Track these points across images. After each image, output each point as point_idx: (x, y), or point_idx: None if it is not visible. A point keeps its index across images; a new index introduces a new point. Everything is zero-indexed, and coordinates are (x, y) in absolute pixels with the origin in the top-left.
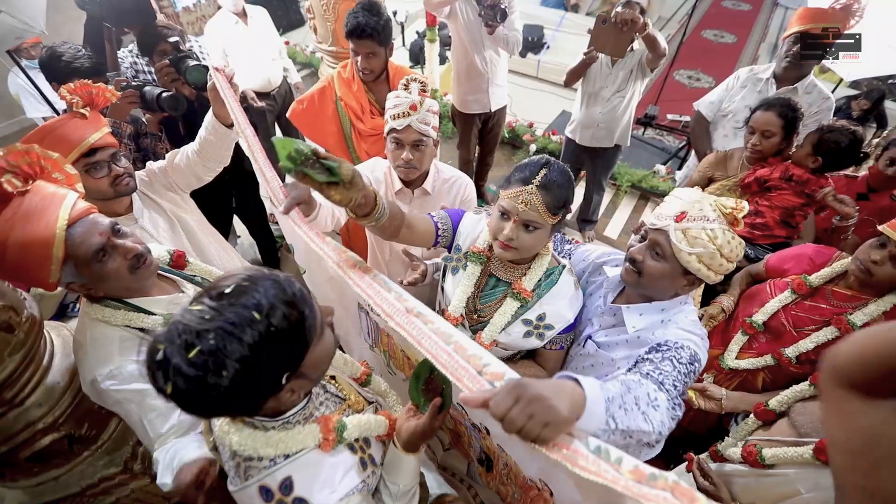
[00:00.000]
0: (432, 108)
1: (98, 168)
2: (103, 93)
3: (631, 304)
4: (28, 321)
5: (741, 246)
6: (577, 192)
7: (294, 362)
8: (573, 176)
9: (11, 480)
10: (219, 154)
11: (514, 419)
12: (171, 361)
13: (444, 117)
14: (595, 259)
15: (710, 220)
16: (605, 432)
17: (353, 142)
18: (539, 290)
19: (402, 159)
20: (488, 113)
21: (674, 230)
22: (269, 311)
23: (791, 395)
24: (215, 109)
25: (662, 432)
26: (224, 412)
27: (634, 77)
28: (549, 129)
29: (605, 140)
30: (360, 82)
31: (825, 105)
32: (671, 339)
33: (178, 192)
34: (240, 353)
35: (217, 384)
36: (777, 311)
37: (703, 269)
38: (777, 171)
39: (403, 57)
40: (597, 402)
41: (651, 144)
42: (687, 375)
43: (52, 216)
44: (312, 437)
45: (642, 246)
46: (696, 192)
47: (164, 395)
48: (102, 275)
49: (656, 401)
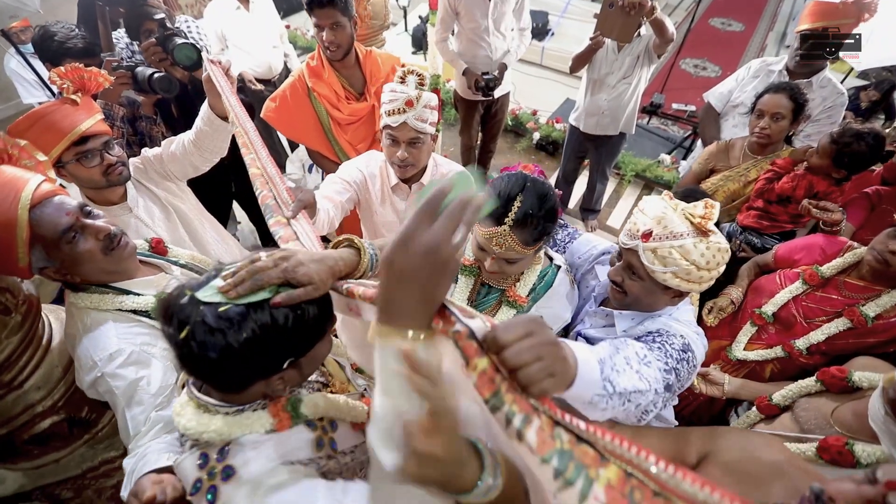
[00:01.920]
0: (430, 103)
1: (90, 157)
2: (96, 77)
3: (623, 311)
4: (25, 303)
5: (722, 252)
6: (580, 181)
7: (302, 350)
8: (577, 165)
9: (11, 463)
10: (215, 145)
11: (521, 352)
12: (199, 307)
13: (446, 104)
14: (593, 259)
15: (679, 235)
16: (602, 397)
17: (334, 133)
18: (534, 293)
19: (397, 157)
20: (491, 99)
21: (643, 251)
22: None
23: (796, 390)
24: (211, 101)
25: (658, 390)
26: (218, 376)
27: (641, 63)
28: (553, 117)
29: (609, 128)
30: (330, 69)
31: (839, 100)
32: (661, 327)
33: (174, 181)
34: (263, 323)
35: (231, 344)
36: (787, 302)
37: (684, 284)
38: (801, 190)
39: (406, 42)
40: (590, 365)
41: (656, 133)
42: (679, 362)
43: (13, 198)
44: (260, 424)
45: (619, 267)
46: (660, 205)
47: (171, 342)
48: (75, 257)
49: (646, 358)
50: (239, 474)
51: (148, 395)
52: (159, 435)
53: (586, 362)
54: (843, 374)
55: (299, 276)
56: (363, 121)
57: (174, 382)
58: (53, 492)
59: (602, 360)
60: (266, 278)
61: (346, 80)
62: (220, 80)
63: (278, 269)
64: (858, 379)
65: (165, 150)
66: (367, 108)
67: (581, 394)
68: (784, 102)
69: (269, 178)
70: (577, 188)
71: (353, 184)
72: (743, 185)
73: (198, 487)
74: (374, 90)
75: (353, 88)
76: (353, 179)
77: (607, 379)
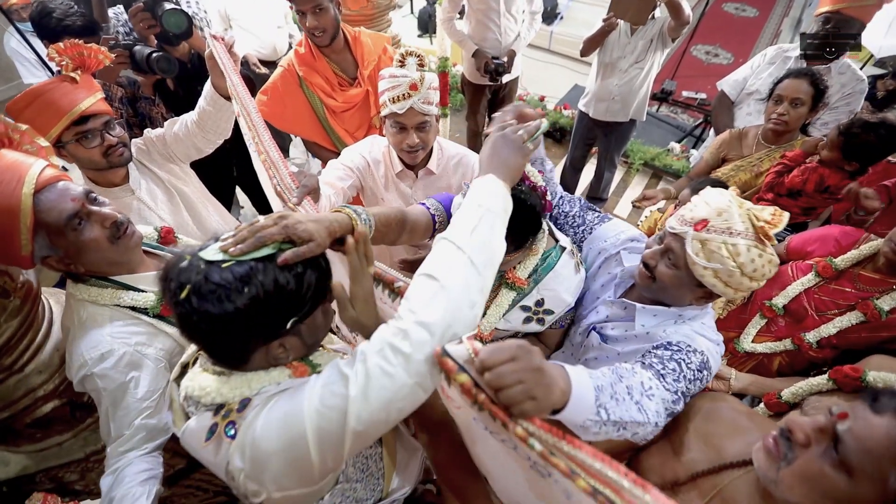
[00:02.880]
0: (433, 85)
1: (90, 137)
2: (96, 54)
3: (647, 306)
4: (24, 286)
5: (771, 265)
6: (588, 169)
7: (305, 310)
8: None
9: (14, 445)
10: (218, 126)
11: (503, 375)
12: (202, 266)
13: (453, 88)
14: (620, 244)
15: (736, 233)
16: (595, 423)
17: (330, 123)
18: (535, 275)
19: (407, 144)
20: (499, 84)
21: (691, 239)
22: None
23: (806, 388)
24: (213, 80)
25: (658, 423)
26: (219, 339)
27: (654, 47)
28: (561, 104)
29: (619, 114)
30: (320, 55)
31: (858, 87)
32: (683, 339)
33: (178, 163)
34: (267, 280)
35: (234, 302)
36: (799, 295)
37: (720, 286)
38: (811, 184)
39: (412, 25)
40: (584, 391)
41: (665, 121)
42: (692, 382)
43: (17, 182)
44: (279, 374)
45: (657, 250)
46: (727, 198)
47: (171, 303)
48: (80, 246)
49: (650, 390)
50: (254, 402)
51: (135, 399)
52: (141, 445)
53: (581, 386)
54: (857, 374)
55: (300, 232)
56: (358, 107)
57: (164, 386)
58: (57, 475)
59: (600, 386)
60: (268, 234)
61: (337, 65)
62: (223, 57)
63: (279, 227)
64: (873, 379)
65: (168, 130)
66: (361, 93)
67: (573, 417)
68: (804, 88)
69: (273, 163)
70: (585, 176)
71: (355, 169)
72: (755, 175)
73: (213, 430)
74: (367, 74)
75: (346, 74)
76: (356, 165)
77: (602, 406)
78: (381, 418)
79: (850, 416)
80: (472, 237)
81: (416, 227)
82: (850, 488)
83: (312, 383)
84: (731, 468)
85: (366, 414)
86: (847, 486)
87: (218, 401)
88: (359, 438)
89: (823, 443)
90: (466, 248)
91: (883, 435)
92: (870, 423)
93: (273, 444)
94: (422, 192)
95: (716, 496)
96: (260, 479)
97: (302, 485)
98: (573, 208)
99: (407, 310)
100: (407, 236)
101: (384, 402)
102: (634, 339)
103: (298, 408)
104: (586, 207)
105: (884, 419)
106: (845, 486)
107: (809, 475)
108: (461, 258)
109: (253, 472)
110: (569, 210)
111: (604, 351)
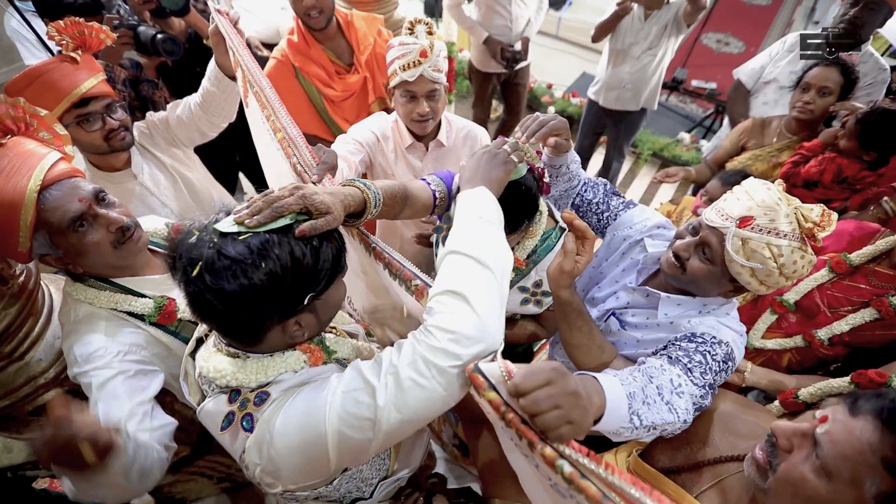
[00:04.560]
0: (442, 53)
1: (91, 120)
2: (97, 33)
3: (671, 295)
4: (23, 273)
5: (810, 265)
6: (596, 159)
7: (322, 285)
8: (593, 142)
9: (17, 433)
10: (223, 108)
11: (539, 401)
12: (215, 239)
13: (459, 74)
14: (645, 231)
15: (782, 234)
16: (628, 429)
17: (329, 113)
18: (535, 255)
19: (417, 113)
20: (507, 73)
21: (732, 236)
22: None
23: (825, 388)
24: (218, 58)
25: (688, 420)
26: (233, 317)
27: (668, 33)
28: (569, 92)
29: (630, 103)
30: (314, 42)
31: (880, 77)
32: (708, 331)
33: (181, 148)
34: (283, 254)
35: (250, 277)
36: (811, 291)
37: (754, 283)
38: (828, 174)
39: (418, 9)
40: (618, 402)
41: (674, 111)
42: (718, 374)
43: (24, 176)
44: (295, 360)
45: (691, 242)
46: (773, 195)
47: (182, 281)
48: (81, 248)
49: (679, 387)
50: (273, 396)
51: (123, 389)
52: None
53: (615, 398)
54: (882, 379)
55: (317, 203)
56: (357, 94)
57: (153, 393)
58: None
59: (632, 393)
60: (285, 205)
61: (332, 52)
62: (230, 32)
63: (295, 197)
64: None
65: (171, 113)
66: (359, 80)
67: (607, 427)
68: (834, 76)
69: (291, 140)
70: (592, 167)
71: (365, 144)
72: (772, 166)
73: (231, 419)
74: (363, 60)
75: (342, 60)
76: (366, 140)
77: (635, 413)
78: (408, 428)
79: (829, 420)
80: (489, 249)
81: (416, 202)
82: (830, 493)
83: (333, 386)
84: (732, 461)
85: (395, 423)
86: (827, 492)
87: (233, 384)
88: (384, 445)
89: (805, 448)
90: (487, 261)
91: (857, 438)
92: (846, 427)
93: (291, 444)
94: (432, 165)
95: (715, 485)
96: (276, 474)
97: (316, 479)
98: (596, 195)
99: (438, 327)
100: (408, 211)
101: (414, 412)
102: (656, 327)
103: (319, 410)
104: (610, 192)
105: (860, 422)
106: (825, 491)
107: (792, 481)
108: (484, 273)
109: (269, 468)
110: (591, 198)
111: (622, 337)
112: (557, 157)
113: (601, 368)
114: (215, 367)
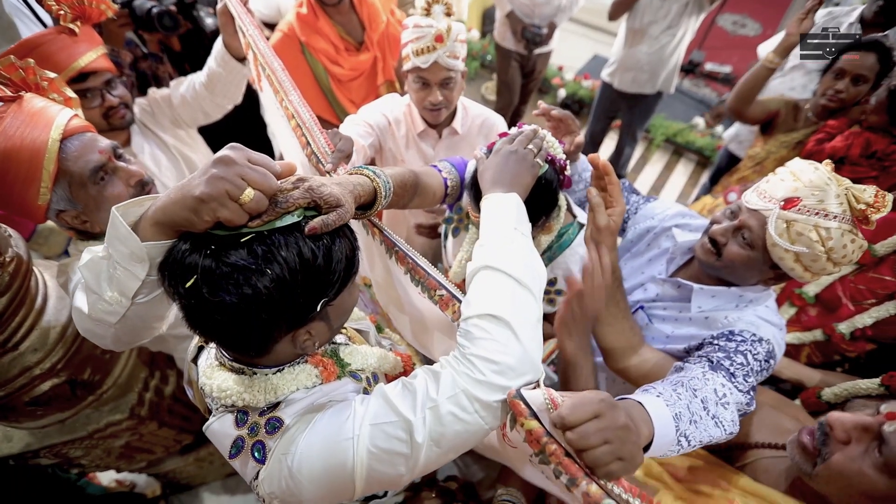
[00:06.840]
0: (460, 36)
1: (89, 96)
2: (98, 4)
3: (704, 286)
4: (13, 261)
5: (861, 250)
6: (609, 143)
7: (335, 289)
8: (606, 126)
9: (16, 422)
10: (228, 90)
11: (588, 436)
12: (219, 243)
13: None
14: (669, 219)
15: (831, 216)
16: (674, 451)
17: (335, 93)
18: (550, 252)
19: (429, 102)
20: (527, 56)
21: (775, 218)
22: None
23: (851, 389)
24: (226, 39)
25: (734, 432)
26: (237, 330)
27: (689, 12)
28: (580, 74)
29: (646, 85)
30: (323, 15)
31: None
32: (748, 328)
33: (184, 128)
34: (291, 256)
35: (254, 285)
36: (833, 283)
37: (798, 269)
38: (856, 148)
39: None
40: (666, 427)
41: (688, 95)
42: (759, 374)
43: (46, 125)
44: (307, 376)
45: (729, 226)
46: (822, 175)
47: (173, 293)
48: (101, 201)
49: (724, 397)
50: (287, 424)
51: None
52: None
53: (662, 424)
54: None
55: (326, 196)
56: (366, 75)
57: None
58: (61, 450)
59: (678, 414)
60: (291, 199)
61: (342, 28)
62: (240, 12)
63: (302, 190)
64: None
65: (174, 91)
66: (369, 59)
67: (655, 453)
68: (870, 63)
69: (305, 126)
70: (604, 152)
71: (376, 127)
72: (792, 149)
73: (240, 447)
74: (375, 38)
75: (352, 38)
76: (377, 123)
77: (683, 434)
78: (444, 460)
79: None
80: (528, 267)
81: (426, 190)
82: (889, 491)
83: (359, 416)
84: (759, 448)
85: (434, 458)
86: (887, 488)
87: (239, 405)
88: (417, 476)
89: (865, 442)
90: (527, 281)
91: None
92: None
93: (313, 477)
94: (444, 153)
95: (748, 465)
96: (295, 502)
97: (339, 502)
98: None
99: (481, 358)
100: (418, 200)
101: (452, 446)
102: (689, 322)
103: (345, 445)
104: (630, 189)
105: None
106: (885, 487)
107: (848, 473)
108: (525, 295)
109: (288, 498)
110: None
111: (650, 332)
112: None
113: (629, 352)
114: (219, 387)
